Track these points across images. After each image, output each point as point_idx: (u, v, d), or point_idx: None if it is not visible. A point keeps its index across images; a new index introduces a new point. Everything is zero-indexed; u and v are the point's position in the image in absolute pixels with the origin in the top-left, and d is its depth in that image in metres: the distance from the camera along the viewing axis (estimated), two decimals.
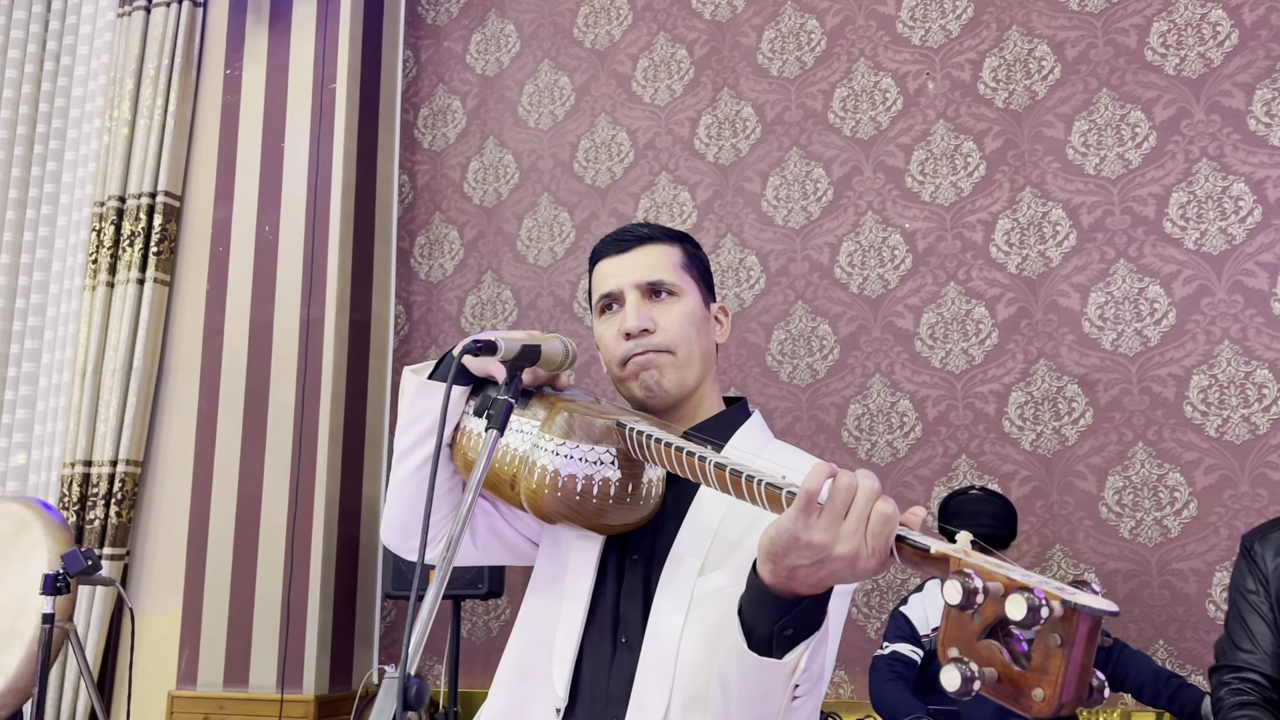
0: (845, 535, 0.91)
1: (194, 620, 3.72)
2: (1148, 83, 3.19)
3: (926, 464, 3.24)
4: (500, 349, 1.13)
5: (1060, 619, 0.78)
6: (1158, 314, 3.06)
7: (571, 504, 1.16)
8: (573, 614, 1.25)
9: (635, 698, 1.18)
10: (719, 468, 1.06)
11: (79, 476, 4.02)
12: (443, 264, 4.03)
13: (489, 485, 1.23)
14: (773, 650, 0.99)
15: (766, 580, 0.97)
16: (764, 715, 1.03)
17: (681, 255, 1.38)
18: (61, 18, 4.81)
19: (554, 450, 1.16)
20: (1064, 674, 0.79)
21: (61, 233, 4.52)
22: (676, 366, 1.30)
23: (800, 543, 0.92)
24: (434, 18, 4.27)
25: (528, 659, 1.27)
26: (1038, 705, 0.80)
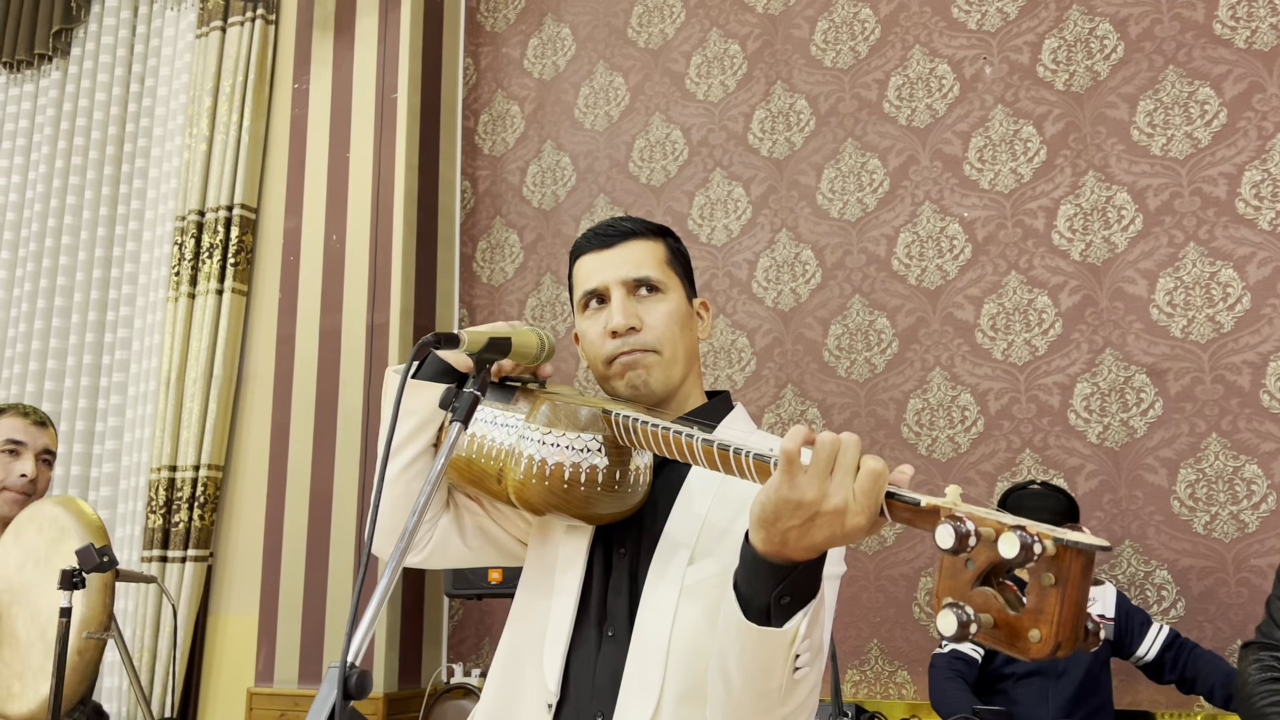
0: (833, 489, 0.91)
1: (270, 620, 3.83)
2: (1217, 57, 3.05)
3: (989, 459, 3.15)
4: (463, 341, 1.14)
5: (1053, 557, 0.78)
6: (1231, 299, 2.93)
7: (559, 493, 1.16)
8: (562, 609, 1.25)
9: (625, 690, 1.17)
10: (707, 444, 1.06)
11: (164, 481, 4.18)
12: (504, 267, 4.08)
13: (475, 483, 1.24)
14: (771, 620, 0.98)
15: (760, 549, 0.96)
16: (767, 690, 1.02)
17: (665, 251, 1.37)
18: (145, 40, 5.01)
19: (540, 440, 1.16)
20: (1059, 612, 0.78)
21: (147, 247, 4.70)
22: (662, 365, 1.30)
23: (790, 502, 0.92)
24: (492, 24, 4.32)
25: (519, 655, 1.28)
26: (1035, 646, 0.80)
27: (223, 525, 4.16)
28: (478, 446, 1.22)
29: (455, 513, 1.37)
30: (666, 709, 1.15)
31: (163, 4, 4.96)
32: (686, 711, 1.14)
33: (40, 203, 5.02)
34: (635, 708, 1.15)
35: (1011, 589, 0.84)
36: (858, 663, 3.23)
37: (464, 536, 1.37)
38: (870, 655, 3.22)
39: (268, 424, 4.06)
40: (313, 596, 3.77)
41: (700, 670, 1.15)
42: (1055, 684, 2.56)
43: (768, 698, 1.03)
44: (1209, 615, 2.83)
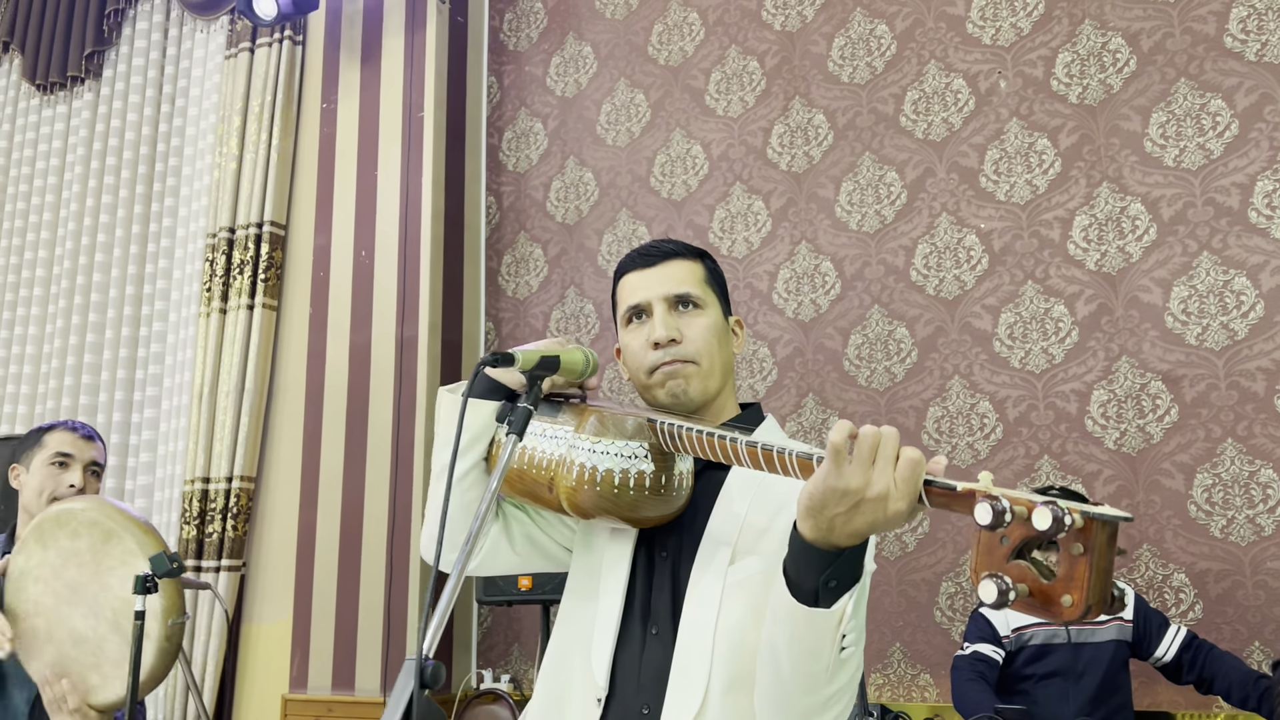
0: (876, 477, 0.98)
1: (304, 627, 3.92)
2: (1228, 70, 3.11)
3: (1009, 465, 3.21)
4: (518, 359, 1.22)
5: (1081, 530, 0.87)
6: (1244, 306, 2.98)
7: (610, 497, 1.24)
8: (608, 609, 1.33)
9: (674, 683, 1.25)
10: (750, 445, 1.14)
11: (198, 492, 4.27)
12: (528, 281, 4.17)
13: (526, 493, 1.32)
14: (819, 602, 1.05)
15: (808, 536, 1.04)
16: (815, 671, 1.10)
17: (704, 270, 1.45)
18: (175, 62, 5.13)
19: (589, 448, 1.24)
20: (1089, 578, 0.87)
21: (179, 264, 4.81)
22: (701, 376, 1.38)
23: (836, 491, 0.99)
24: (515, 43, 4.42)
25: (568, 654, 1.35)
26: (1067, 610, 0.88)
27: (255, 535, 4.26)
28: (528, 458, 1.30)
29: (504, 522, 1.45)
30: (714, 699, 1.22)
31: (192, 26, 5.08)
32: (733, 701, 1.22)
33: (74, 221, 5.14)
34: (684, 700, 1.23)
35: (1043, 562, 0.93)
36: (880, 666, 3.29)
37: (513, 544, 1.45)
38: (893, 658, 3.28)
39: (299, 436, 4.16)
40: (345, 604, 3.85)
41: (745, 662, 1.22)
42: (1075, 685, 2.61)
43: (815, 678, 1.10)
44: (1226, 617, 2.88)
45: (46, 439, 2.26)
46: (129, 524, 2.01)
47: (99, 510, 2.04)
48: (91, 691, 1.99)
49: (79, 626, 1.99)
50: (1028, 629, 2.71)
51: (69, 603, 2.00)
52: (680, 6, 4.06)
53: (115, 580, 1.95)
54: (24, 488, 2.23)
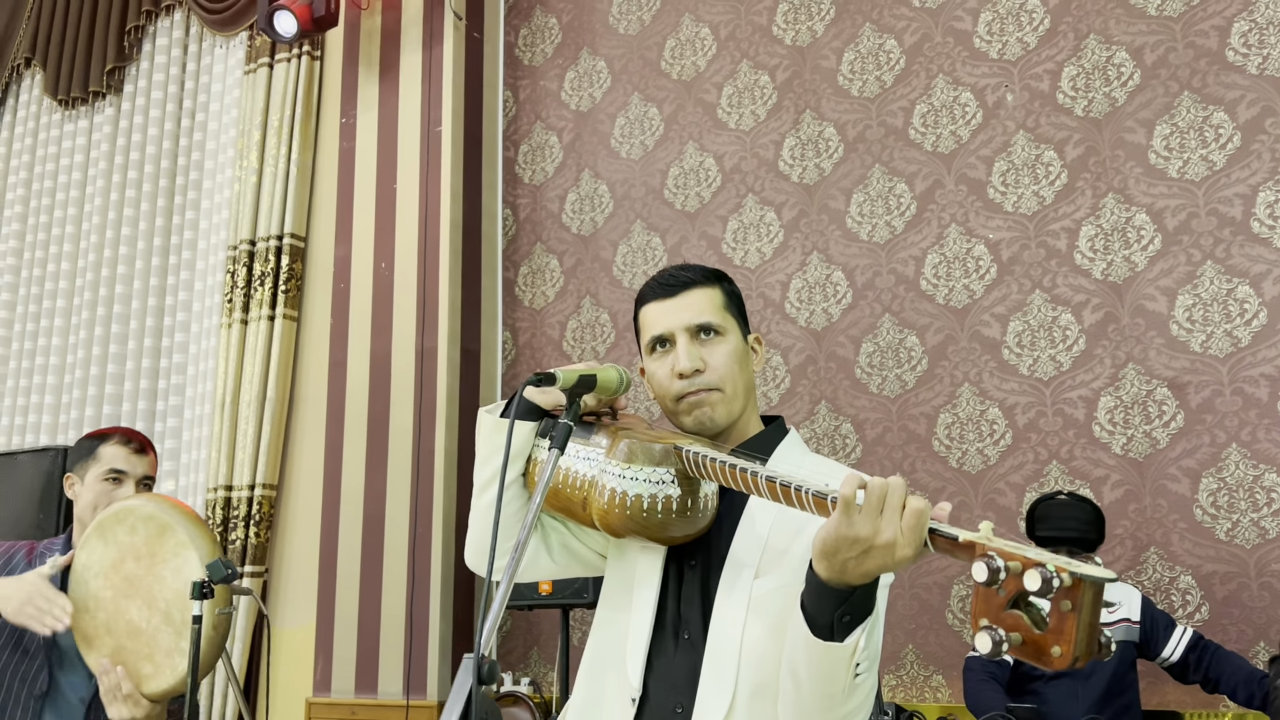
0: (884, 526, 1.07)
1: (327, 632, 4.00)
2: (1230, 83, 3.18)
3: (1018, 470, 3.29)
4: (559, 379, 1.30)
5: (1069, 588, 0.95)
6: (1248, 314, 3.06)
7: (639, 520, 1.32)
8: (642, 617, 1.41)
9: (703, 686, 1.34)
10: (770, 480, 1.22)
11: (221, 500, 4.36)
12: (545, 291, 4.25)
13: (562, 509, 1.40)
14: (834, 635, 1.14)
15: (822, 576, 1.13)
16: (831, 693, 1.19)
17: (722, 295, 1.52)
18: (195, 77, 5.23)
19: (619, 474, 1.32)
20: (1076, 633, 0.95)
21: (200, 275, 4.91)
22: (725, 401, 1.46)
23: (847, 539, 1.08)
24: (530, 58, 4.51)
25: (603, 658, 1.44)
26: (1056, 660, 0.97)
27: (278, 542, 4.34)
28: (564, 477, 1.38)
29: (543, 533, 1.53)
30: (740, 704, 1.31)
31: (211, 42, 5.17)
32: (758, 707, 1.31)
33: (96, 234, 5.24)
34: (714, 703, 1.32)
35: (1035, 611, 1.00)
36: (894, 668, 3.36)
37: (551, 553, 1.53)
38: (906, 660, 3.35)
39: (321, 444, 4.24)
40: (368, 609, 3.94)
41: (768, 671, 1.31)
42: (1084, 685, 2.68)
43: (832, 698, 1.19)
44: (1233, 619, 2.95)
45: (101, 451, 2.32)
46: (181, 516, 2.10)
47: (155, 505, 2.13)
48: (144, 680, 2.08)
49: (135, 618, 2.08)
50: None
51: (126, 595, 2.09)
52: (692, 22, 4.14)
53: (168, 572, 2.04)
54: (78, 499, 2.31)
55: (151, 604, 2.11)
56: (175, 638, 2.03)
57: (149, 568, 2.12)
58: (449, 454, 3.96)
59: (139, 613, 2.09)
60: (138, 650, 2.08)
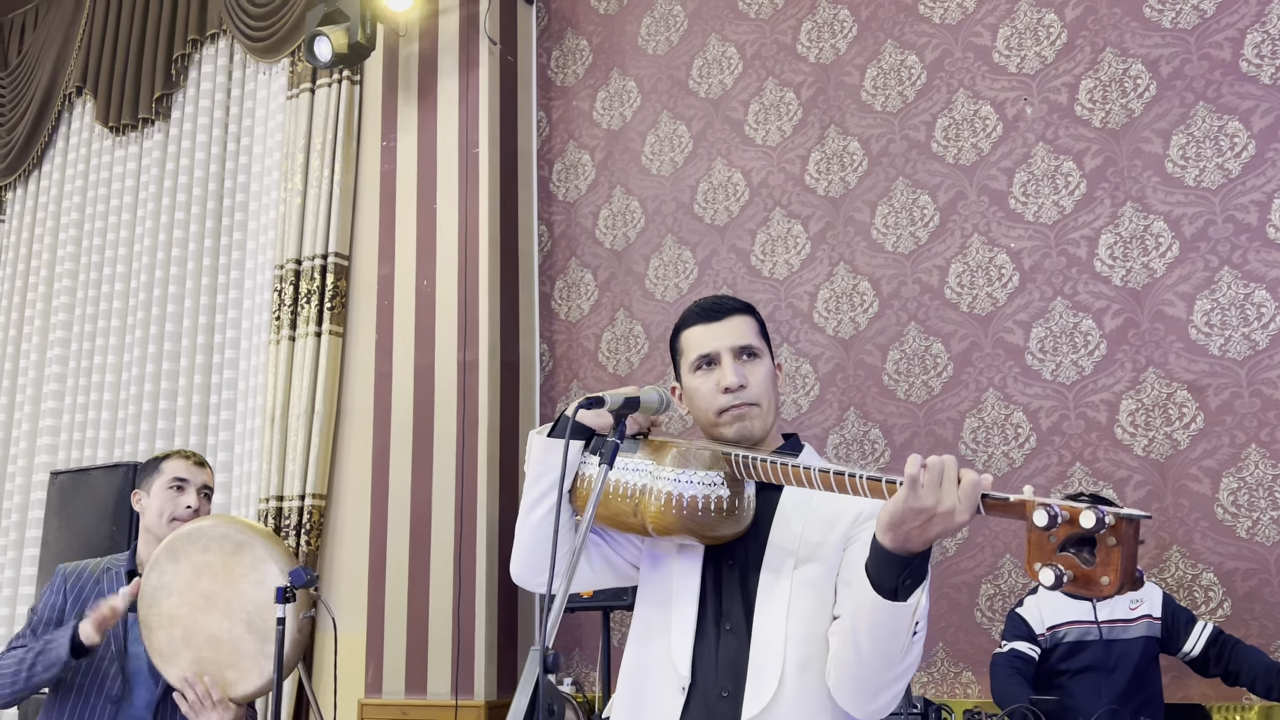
0: (944, 497, 1.26)
1: (377, 636, 4.16)
2: (1244, 93, 3.27)
3: (1042, 473, 3.39)
4: (607, 401, 1.46)
5: (1114, 526, 1.16)
6: (1265, 318, 3.14)
7: (695, 519, 1.48)
8: (685, 612, 1.57)
9: (753, 668, 1.51)
10: (823, 471, 1.40)
11: (273, 510, 4.54)
12: (580, 305, 4.40)
13: (611, 517, 1.55)
14: (899, 596, 1.33)
15: (888, 546, 1.32)
16: (891, 651, 1.37)
17: (757, 324, 1.70)
18: (240, 103, 5.43)
19: (674, 478, 1.47)
20: (1121, 563, 1.17)
21: (249, 294, 5.10)
22: (761, 415, 1.64)
23: (913, 510, 1.27)
24: (562, 79, 4.66)
25: (648, 654, 1.60)
26: (1105, 588, 1.18)
27: (328, 550, 4.52)
28: (613, 488, 1.53)
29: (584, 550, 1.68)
30: (789, 679, 1.48)
31: (255, 68, 5.37)
32: (805, 680, 1.49)
33: (148, 256, 5.45)
34: (763, 682, 1.48)
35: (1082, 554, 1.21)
36: (925, 665, 3.47)
37: (591, 565, 1.69)
38: (937, 658, 3.46)
39: (368, 455, 4.41)
40: (416, 614, 4.10)
41: (814, 648, 1.49)
42: (1108, 679, 2.79)
43: (891, 656, 1.37)
44: (1254, 614, 3.04)
45: (164, 466, 2.51)
46: (256, 534, 2.27)
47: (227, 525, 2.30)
48: (230, 685, 2.25)
49: (214, 630, 2.24)
50: (1061, 627, 2.88)
51: (204, 611, 2.26)
52: (719, 42, 4.28)
53: (248, 585, 2.21)
54: (145, 510, 2.49)
55: (231, 615, 2.27)
56: (259, 643, 2.20)
57: (226, 583, 2.28)
58: (491, 462, 4.11)
59: (218, 625, 2.26)
60: (220, 660, 2.25)
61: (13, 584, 5.40)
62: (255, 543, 2.24)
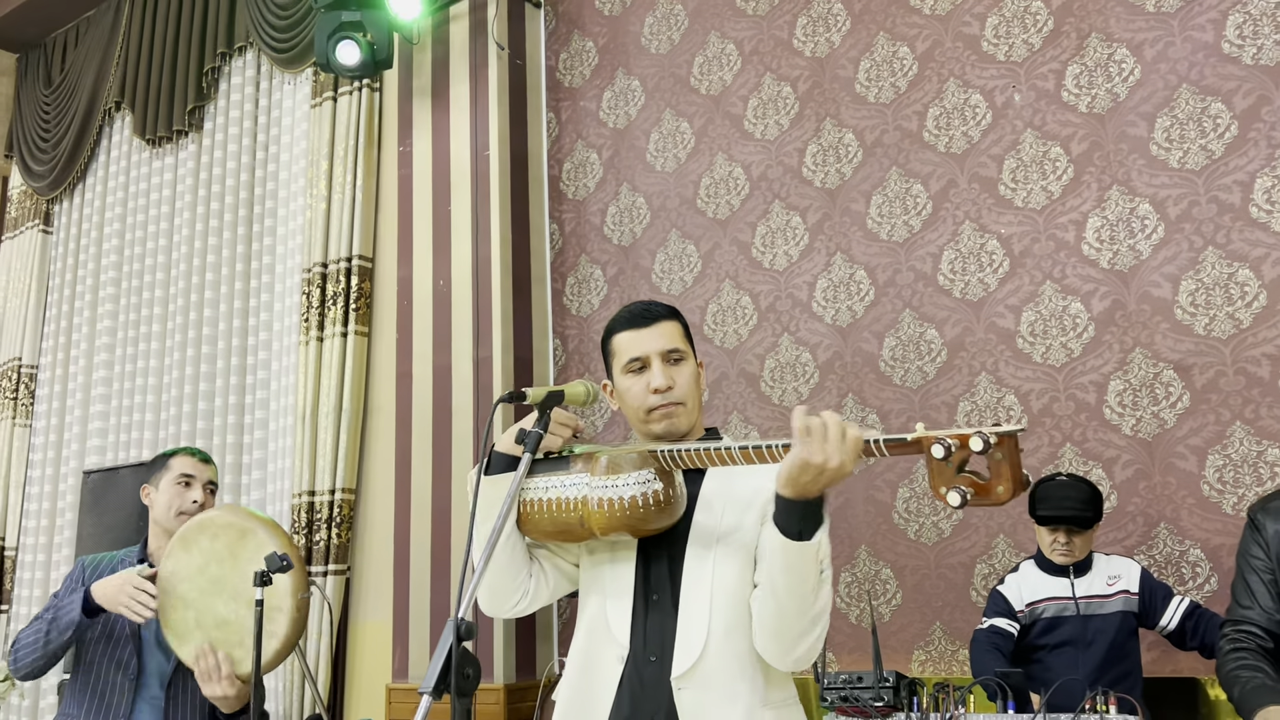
0: (831, 451, 1.43)
1: (403, 623, 4.34)
2: (1226, 74, 3.30)
3: (1034, 453, 3.45)
4: (529, 395, 1.59)
5: (998, 443, 1.33)
6: (1249, 296, 3.18)
7: (637, 516, 1.63)
8: (623, 594, 1.73)
9: (680, 635, 1.66)
10: (743, 448, 1.57)
11: (305, 505, 4.74)
12: (590, 300, 4.53)
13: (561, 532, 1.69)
14: (803, 538, 1.51)
15: (788, 495, 1.50)
16: (804, 593, 1.54)
17: (681, 327, 1.85)
18: (267, 112, 5.63)
19: (610, 484, 1.62)
20: (1010, 472, 1.34)
21: (279, 297, 5.30)
22: (687, 413, 1.80)
23: (805, 463, 1.44)
24: (570, 80, 4.79)
25: (592, 634, 1.77)
26: (1001, 495, 1.36)
27: (357, 542, 4.71)
28: (556, 505, 1.66)
29: (539, 566, 1.83)
30: (714, 642, 1.64)
31: (280, 79, 5.57)
32: (730, 642, 1.64)
33: (184, 262, 5.68)
34: (690, 646, 1.64)
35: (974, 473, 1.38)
36: (923, 643, 3.56)
37: (547, 580, 1.83)
38: (934, 637, 3.55)
39: (392, 451, 4.59)
40: (439, 601, 4.26)
41: (735, 614, 1.65)
42: (1085, 652, 2.86)
43: (804, 598, 1.54)
44: None
45: (171, 463, 2.70)
46: (258, 522, 2.46)
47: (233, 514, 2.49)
48: (237, 663, 2.43)
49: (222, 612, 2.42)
50: (1040, 603, 2.96)
51: (212, 594, 2.44)
52: (719, 39, 4.37)
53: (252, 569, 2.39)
54: (154, 504, 2.67)
55: (238, 597, 2.45)
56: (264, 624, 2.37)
57: (233, 567, 2.45)
58: None
59: (226, 607, 2.43)
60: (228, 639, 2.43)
61: None
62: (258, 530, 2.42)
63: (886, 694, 2.37)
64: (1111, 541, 3.28)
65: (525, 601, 1.82)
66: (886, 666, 2.43)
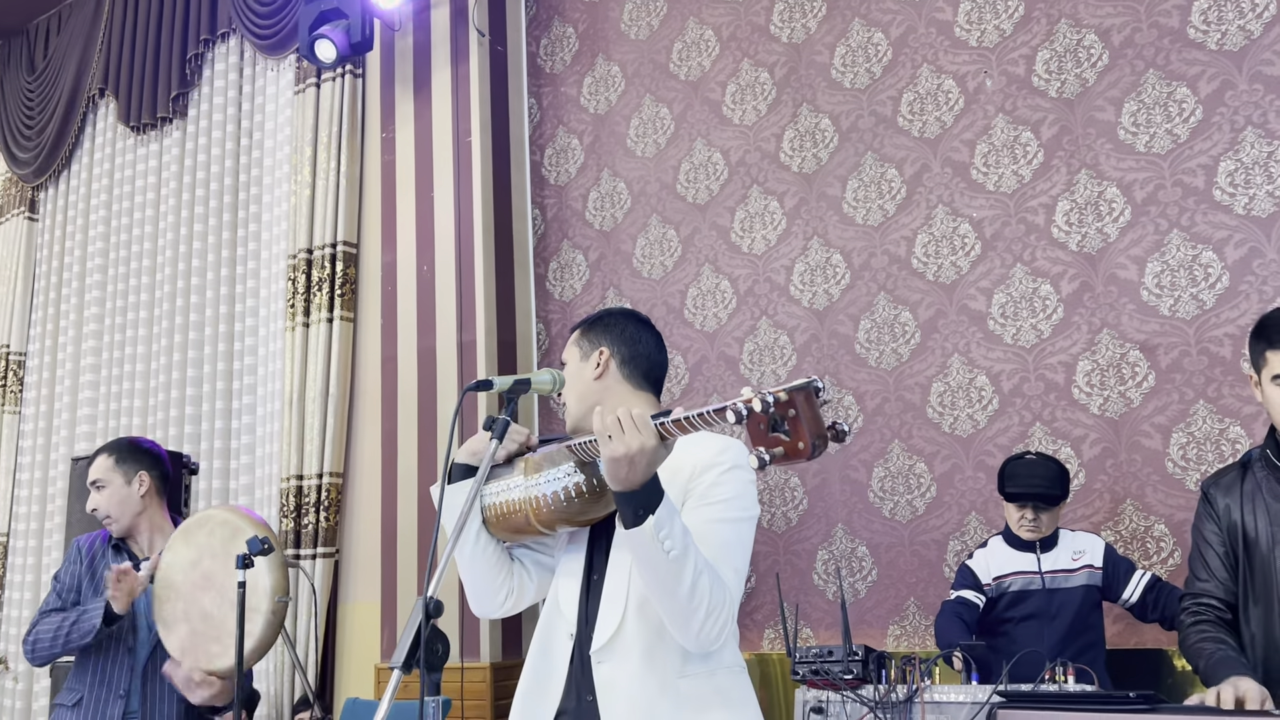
0: (629, 440, 1.51)
1: (391, 605, 4.42)
2: (1191, 59, 3.36)
3: (1005, 433, 3.53)
4: (496, 384, 1.64)
5: (786, 401, 1.32)
6: (1212, 278, 3.25)
7: (564, 510, 1.70)
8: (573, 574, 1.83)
9: (602, 609, 1.75)
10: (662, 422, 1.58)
11: (293, 488, 4.80)
12: (572, 284, 4.59)
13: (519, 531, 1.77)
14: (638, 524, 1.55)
15: (618, 489, 1.56)
16: (661, 575, 1.57)
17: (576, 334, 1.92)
18: (251, 99, 5.65)
19: (535, 484, 1.69)
20: (804, 428, 1.33)
21: (265, 283, 5.34)
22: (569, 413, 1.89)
23: (613, 459, 1.52)
24: (551, 66, 4.83)
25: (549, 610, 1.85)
26: (801, 451, 1.33)
27: (345, 525, 4.77)
28: (506, 506, 1.74)
29: (519, 565, 1.90)
30: (631, 615, 1.71)
31: (264, 65, 5.59)
32: (644, 616, 1.71)
33: (170, 249, 5.71)
34: (609, 618, 1.73)
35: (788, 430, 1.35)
36: (898, 618, 3.65)
37: (531, 576, 1.91)
38: (908, 611, 3.63)
39: (378, 434, 4.65)
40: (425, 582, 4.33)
41: None
42: (1050, 625, 2.95)
43: (663, 581, 1.57)
44: None
45: None
46: (248, 522, 2.52)
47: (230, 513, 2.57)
48: (213, 658, 2.49)
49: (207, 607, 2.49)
50: (1007, 577, 3.04)
51: (201, 589, 2.51)
52: (697, 25, 4.42)
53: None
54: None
55: (223, 594, 2.51)
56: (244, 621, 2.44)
57: (223, 564, 2.52)
58: None
59: (211, 602, 2.50)
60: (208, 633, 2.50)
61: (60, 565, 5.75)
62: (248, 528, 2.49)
63: (855, 667, 2.45)
64: (1079, 518, 3.37)
65: (512, 600, 1.89)
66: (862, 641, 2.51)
